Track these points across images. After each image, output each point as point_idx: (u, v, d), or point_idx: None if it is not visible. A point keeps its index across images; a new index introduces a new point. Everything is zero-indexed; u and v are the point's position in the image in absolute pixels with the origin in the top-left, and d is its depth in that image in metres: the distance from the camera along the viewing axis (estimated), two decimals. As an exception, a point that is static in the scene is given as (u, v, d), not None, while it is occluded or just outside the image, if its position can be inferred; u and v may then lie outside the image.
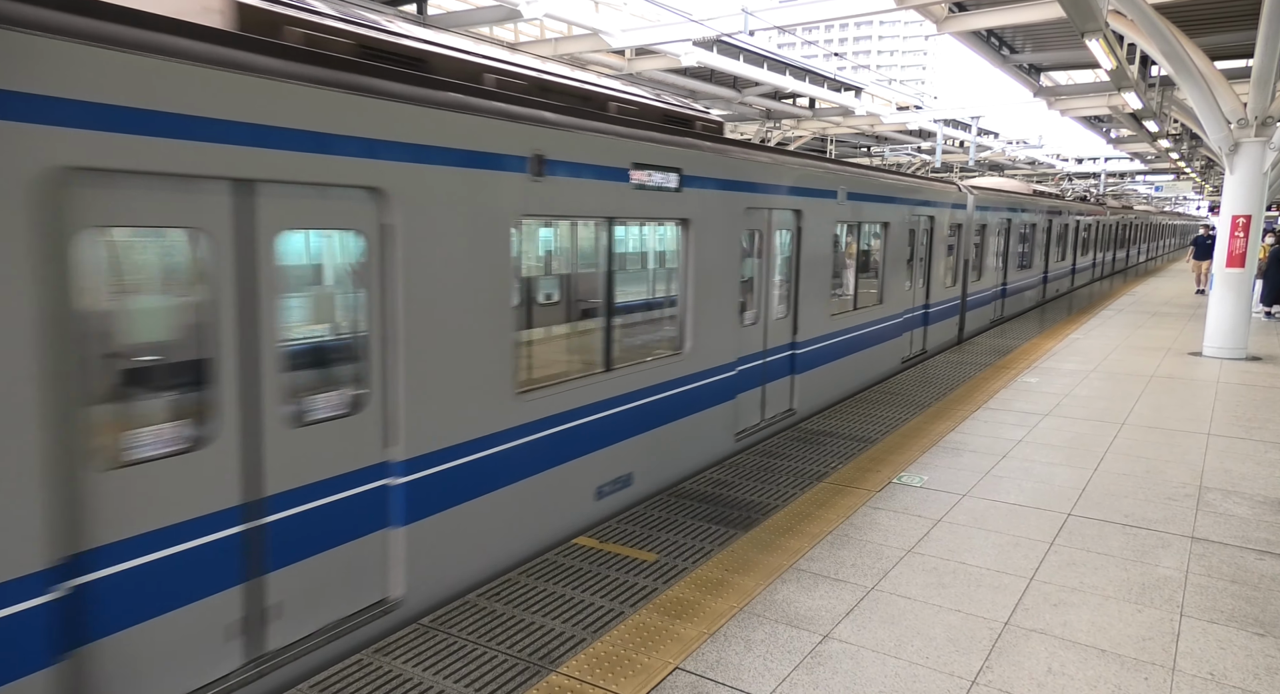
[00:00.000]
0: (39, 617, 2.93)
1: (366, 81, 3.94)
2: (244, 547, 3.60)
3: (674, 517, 5.80)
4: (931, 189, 12.31)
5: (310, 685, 3.69)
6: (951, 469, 6.94)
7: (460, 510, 4.64)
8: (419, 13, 13.07)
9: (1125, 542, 5.45)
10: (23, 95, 2.76)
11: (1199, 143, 23.91)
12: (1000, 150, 33.83)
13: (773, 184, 7.70)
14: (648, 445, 6.34)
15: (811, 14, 12.76)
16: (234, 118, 3.36)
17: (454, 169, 4.40)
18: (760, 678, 3.81)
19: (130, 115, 3.04)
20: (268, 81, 3.48)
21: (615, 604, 4.51)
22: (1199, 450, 7.59)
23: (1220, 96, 11.90)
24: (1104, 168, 40.71)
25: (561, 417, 5.38)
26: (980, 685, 3.76)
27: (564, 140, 5.14)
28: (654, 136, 6.07)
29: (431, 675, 3.80)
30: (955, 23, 13.28)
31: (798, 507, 6.00)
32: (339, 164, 3.81)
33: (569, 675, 3.82)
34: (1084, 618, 4.40)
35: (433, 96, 4.29)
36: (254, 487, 3.63)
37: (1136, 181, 49.25)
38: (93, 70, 2.92)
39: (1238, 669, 3.93)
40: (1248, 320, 12.73)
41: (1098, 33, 8.71)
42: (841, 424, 8.35)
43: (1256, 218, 12.43)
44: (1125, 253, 37.01)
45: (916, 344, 12.49)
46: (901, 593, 4.68)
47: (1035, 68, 18.78)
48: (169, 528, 3.33)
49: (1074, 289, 24.81)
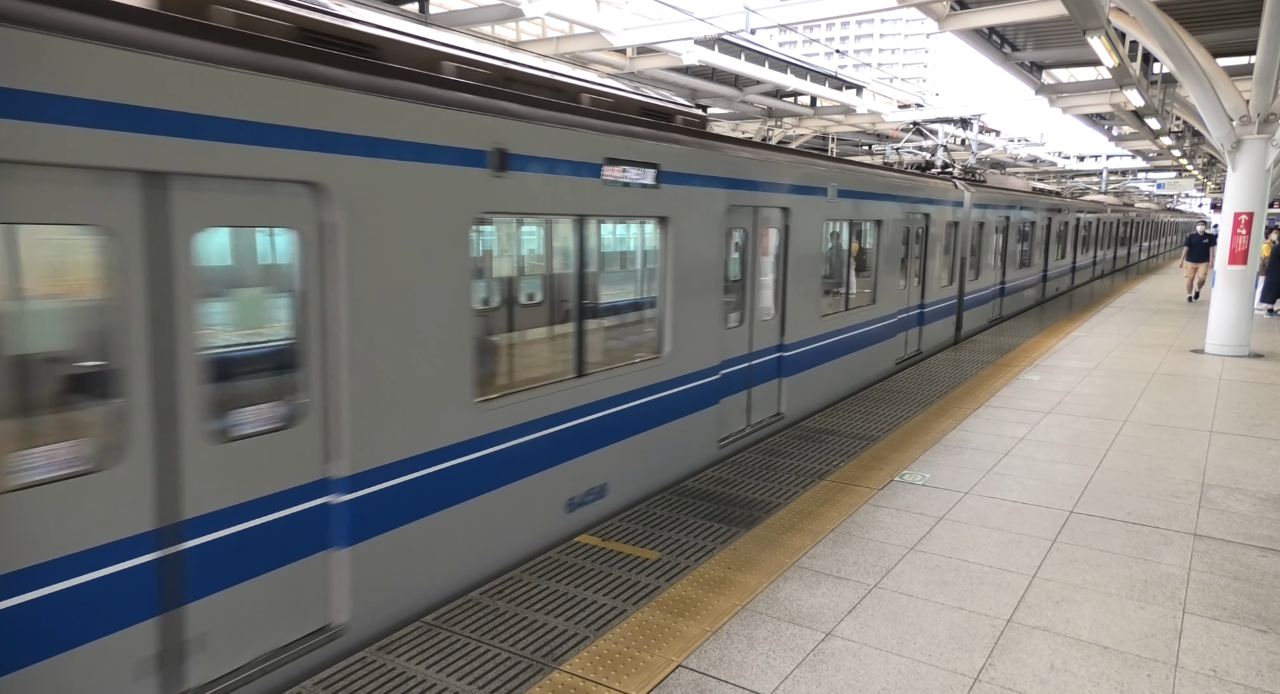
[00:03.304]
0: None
1: (300, 67, 3.65)
2: (159, 575, 3.30)
3: (676, 515, 5.81)
4: (928, 186, 12.20)
5: (314, 683, 3.70)
6: (953, 467, 6.94)
7: (413, 528, 4.37)
8: (421, 11, 13.08)
9: (1127, 539, 5.45)
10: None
11: (1201, 140, 23.88)
12: (1002, 148, 33.79)
13: (759, 181, 7.50)
14: (624, 454, 6.06)
15: (813, 12, 12.75)
16: (147, 104, 3.08)
17: (405, 163, 4.14)
18: (763, 675, 3.82)
19: (21, 99, 2.75)
20: (187, 65, 3.19)
21: (618, 602, 4.52)
22: (1201, 447, 7.58)
23: (1223, 93, 11.88)
24: (1106, 165, 40.65)
25: (527, 426, 5.13)
26: (983, 683, 3.77)
27: (529, 134, 4.90)
28: (630, 130, 5.84)
29: (435, 673, 3.81)
30: (957, 20, 13.27)
31: (800, 505, 6.00)
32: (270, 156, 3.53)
33: (572, 673, 3.82)
34: (1086, 615, 4.41)
35: (379, 84, 3.99)
36: (170, 509, 3.33)
37: (1139, 179, 49.18)
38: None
39: (1240, 666, 3.93)
40: (1250, 317, 12.72)
41: (1100, 30, 8.70)
42: (843, 422, 8.35)
43: (1259, 215, 12.42)
44: (1126, 251, 36.58)
45: (911, 345, 12.36)
46: (904, 590, 4.68)
47: (1037, 65, 18.77)
48: (66, 558, 3.00)
49: (1074, 287, 24.67)
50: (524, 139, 4.84)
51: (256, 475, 3.63)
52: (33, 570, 2.91)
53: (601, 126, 5.53)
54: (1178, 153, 25.46)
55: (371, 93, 3.93)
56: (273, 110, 3.50)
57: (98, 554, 3.07)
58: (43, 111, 2.79)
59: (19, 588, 2.87)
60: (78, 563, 3.02)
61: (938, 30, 13.32)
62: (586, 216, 5.58)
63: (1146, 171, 44.08)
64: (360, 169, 3.89)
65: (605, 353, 6.02)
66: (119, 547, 3.14)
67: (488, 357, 5.24)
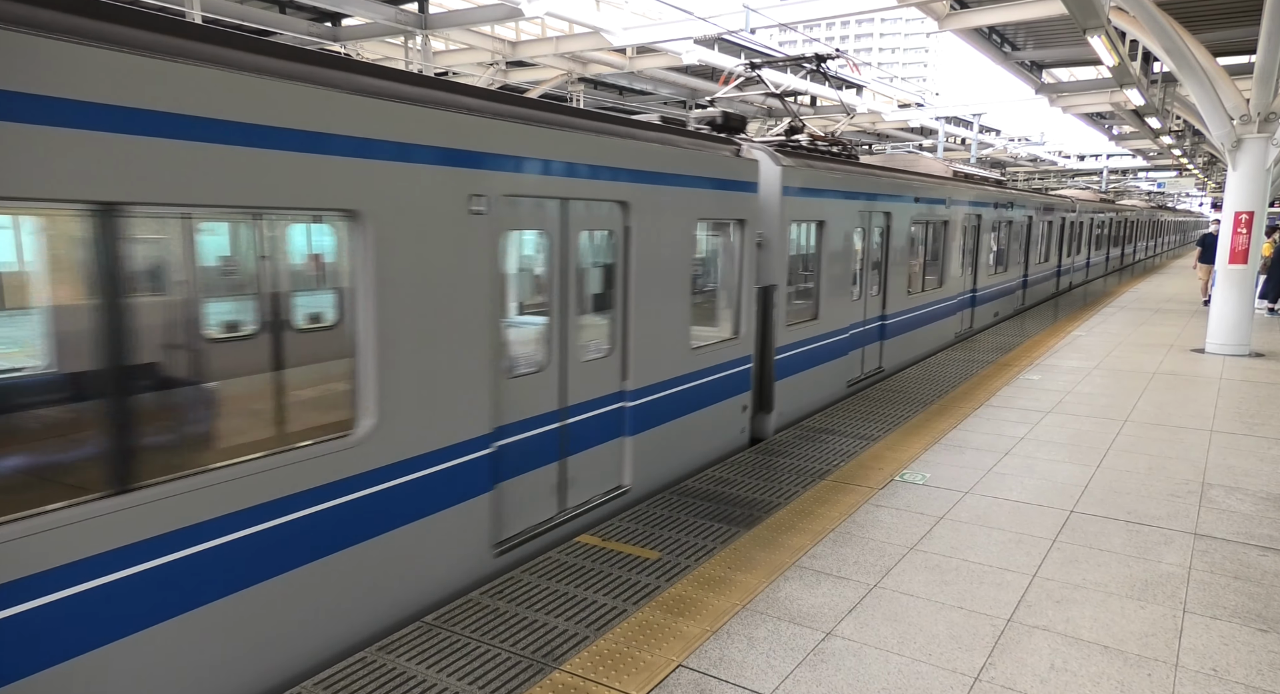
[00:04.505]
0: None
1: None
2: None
3: (676, 514, 5.80)
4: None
5: (315, 683, 3.70)
6: (954, 466, 6.94)
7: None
8: (420, 11, 13.09)
9: (1128, 538, 5.45)
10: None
11: (1201, 139, 23.88)
12: (1002, 148, 33.81)
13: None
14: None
15: (813, 11, 12.75)
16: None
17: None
18: (763, 675, 3.82)
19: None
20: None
21: (618, 602, 4.52)
22: (1202, 447, 7.58)
23: (1223, 93, 11.88)
24: (1106, 164, 40.68)
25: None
26: (983, 682, 3.77)
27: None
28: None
29: (435, 673, 3.81)
30: (957, 20, 13.28)
31: (800, 504, 6.00)
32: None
33: (572, 673, 3.82)
34: (1087, 614, 4.41)
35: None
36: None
37: (1139, 178, 49.20)
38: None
39: (1241, 665, 3.92)
40: (1250, 316, 12.71)
41: (1100, 29, 8.70)
42: (843, 422, 8.35)
43: (1259, 214, 12.42)
44: (1116, 252, 31.71)
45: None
46: (904, 590, 4.68)
47: (1037, 64, 18.77)
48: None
49: (1024, 308, 18.76)
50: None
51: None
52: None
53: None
54: (1178, 152, 25.46)
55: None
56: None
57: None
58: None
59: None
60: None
61: (938, 29, 13.32)
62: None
63: (1147, 170, 44.10)
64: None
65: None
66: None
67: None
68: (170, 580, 3.31)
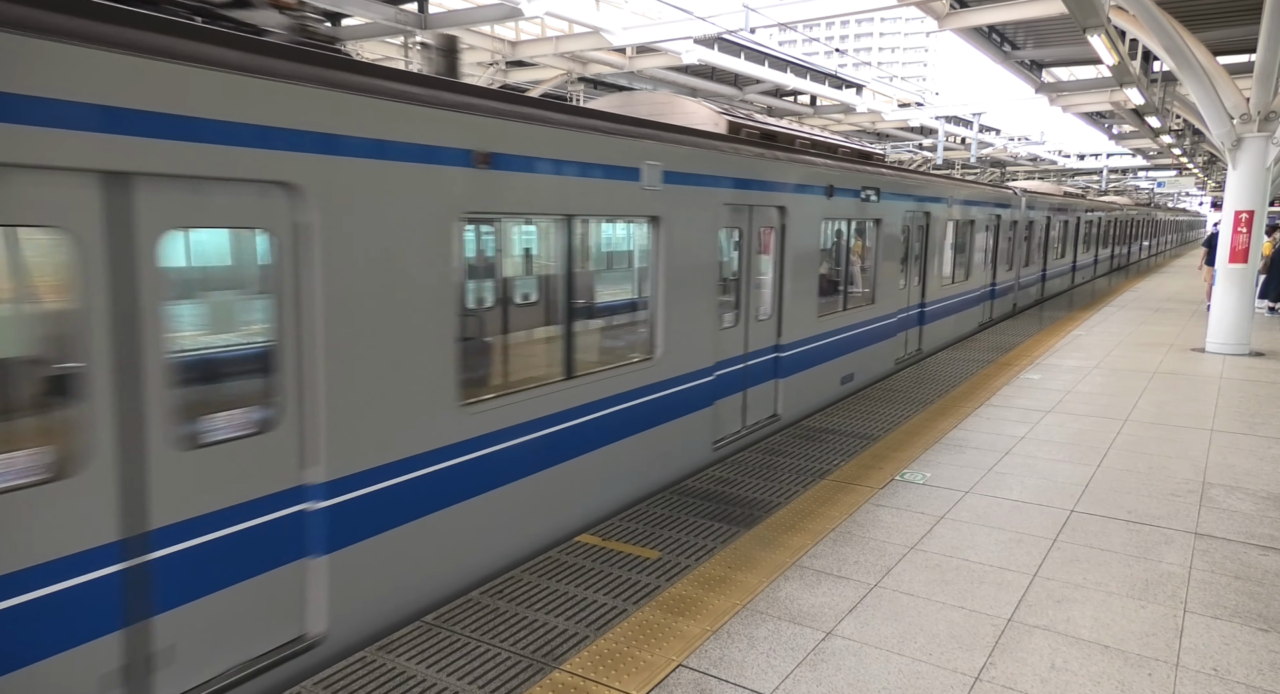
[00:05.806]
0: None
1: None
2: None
3: (676, 514, 5.80)
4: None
5: (314, 683, 3.70)
6: (954, 466, 6.93)
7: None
8: (420, 11, 13.06)
9: (1128, 538, 5.45)
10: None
11: (1201, 138, 23.84)
12: (1002, 147, 33.80)
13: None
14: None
15: (813, 11, 12.74)
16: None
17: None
18: (763, 675, 3.82)
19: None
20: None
21: (618, 601, 4.51)
22: (1202, 446, 7.58)
23: (1223, 92, 11.87)
24: (1106, 164, 40.66)
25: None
26: (983, 682, 3.76)
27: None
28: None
29: (435, 673, 3.80)
30: (956, 19, 13.26)
31: (800, 504, 6.00)
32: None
33: (572, 672, 3.82)
34: (1087, 614, 4.40)
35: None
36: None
37: (1139, 177, 49.18)
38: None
39: (1241, 665, 3.92)
40: (1250, 316, 12.71)
41: (1099, 28, 8.69)
42: (843, 421, 8.35)
43: (1259, 213, 12.41)
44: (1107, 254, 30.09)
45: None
46: (904, 590, 4.68)
47: (1037, 64, 18.75)
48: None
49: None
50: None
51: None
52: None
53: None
54: (1178, 151, 25.44)
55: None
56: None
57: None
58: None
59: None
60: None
61: (937, 29, 13.30)
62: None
63: (1147, 170, 44.07)
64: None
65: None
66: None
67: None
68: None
